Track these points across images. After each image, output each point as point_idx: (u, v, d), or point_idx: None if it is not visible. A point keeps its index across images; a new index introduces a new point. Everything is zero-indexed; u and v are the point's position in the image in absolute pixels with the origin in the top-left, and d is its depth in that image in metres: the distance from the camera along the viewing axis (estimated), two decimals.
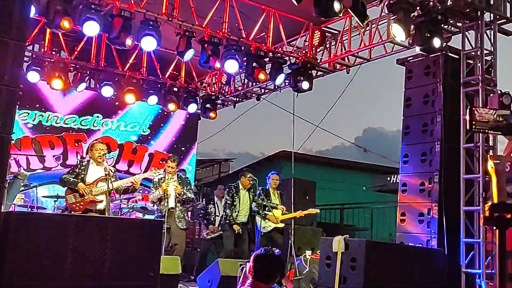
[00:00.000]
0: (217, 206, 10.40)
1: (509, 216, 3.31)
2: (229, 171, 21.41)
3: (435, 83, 7.97)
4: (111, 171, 7.25)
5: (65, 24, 7.85)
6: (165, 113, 12.93)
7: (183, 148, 13.45)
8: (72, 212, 6.93)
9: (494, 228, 3.33)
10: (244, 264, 7.31)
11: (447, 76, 7.90)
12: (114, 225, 5.39)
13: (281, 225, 9.47)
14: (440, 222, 7.46)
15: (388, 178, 12.18)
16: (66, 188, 7.12)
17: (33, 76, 10.37)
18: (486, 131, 5.54)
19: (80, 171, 7.15)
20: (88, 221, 5.48)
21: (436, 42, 7.52)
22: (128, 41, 8.39)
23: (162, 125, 13.28)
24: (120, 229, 5.37)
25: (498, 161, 3.75)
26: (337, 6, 6.58)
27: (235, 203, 9.27)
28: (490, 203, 3.40)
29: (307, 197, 11.18)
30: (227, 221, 9.26)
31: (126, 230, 5.45)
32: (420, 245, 7.63)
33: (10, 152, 6.74)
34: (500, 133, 5.61)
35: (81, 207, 6.95)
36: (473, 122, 5.40)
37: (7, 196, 6.54)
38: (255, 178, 9.37)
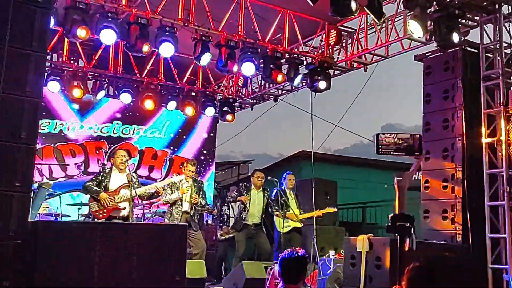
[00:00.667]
0: (231, 208, 10.43)
1: (407, 224, 4.21)
2: (248, 173, 21.43)
3: (454, 78, 7.90)
4: (134, 178, 7.29)
5: (82, 33, 7.94)
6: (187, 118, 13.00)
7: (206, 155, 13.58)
8: (96, 219, 6.98)
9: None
10: (272, 266, 7.32)
11: (466, 70, 7.82)
12: (139, 231, 5.43)
13: (300, 225, 9.46)
14: (464, 218, 7.39)
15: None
16: (89, 195, 7.18)
17: (53, 86, 10.51)
18: (391, 153, 6.19)
19: (102, 178, 7.20)
20: (113, 228, 5.52)
21: (455, 37, 7.45)
22: (145, 48, 8.46)
23: (185, 131, 13.39)
24: (145, 235, 5.40)
25: (401, 179, 4.92)
26: (353, 5, 6.56)
27: (245, 203, 9.13)
28: (392, 214, 4.24)
29: (328, 197, 11.14)
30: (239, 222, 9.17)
31: (152, 236, 5.48)
32: (445, 241, 7.57)
33: (36, 162, 6.87)
34: (403, 154, 6.23)
35: (104, 214, 7.00)
36: (379, 147, 6.12)
37: (33, 206, 6.63)
38: (271, 178, 9.25)
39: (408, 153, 6.31)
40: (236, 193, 9.24)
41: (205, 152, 13.61)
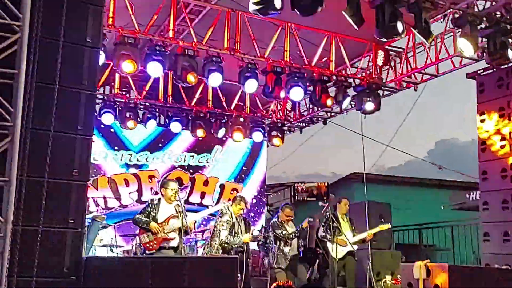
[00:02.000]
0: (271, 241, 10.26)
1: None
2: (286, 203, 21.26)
3: (509, 95, 7.63)
4: (182, 207, 7.30)
5: (129, 67, 8.14)
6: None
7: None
8: (147, 251, 7.02)
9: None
10: None
11: None
12: (190, 264, 5.42)
13: (355, 247, 9.24)
14: None
15: (467, 195, 11.66)
16: (139, 228, 7.24)
17: (107, 118, 10.77)
18: (305, 198, 7.95)
19: (151, 210, 7.25)
20: (164, 262, 5.54)
21: (510, 53, 7.20)
22: (192, 78, 8.56)
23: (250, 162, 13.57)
24: (196, 267, 5.38)
25: (312, 219, 6.70)
26: (400, 26, 6.45)
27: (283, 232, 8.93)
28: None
29: (382, 220, 10.85)
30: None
31: (202, 268, 5.47)
32: (508, 266, 7.23)
33: (89, 196, 7.01)
34: (314, 199, 8.09)
35: (154, 245, 7.04)
36: (295, 194, 7.42)
37: (87, 239, 6.75)
38: (322, 204, 9.03)
39: (317, 198, 7.86)
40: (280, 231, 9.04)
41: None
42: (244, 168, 13.48)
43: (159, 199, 7.30)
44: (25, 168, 4.53)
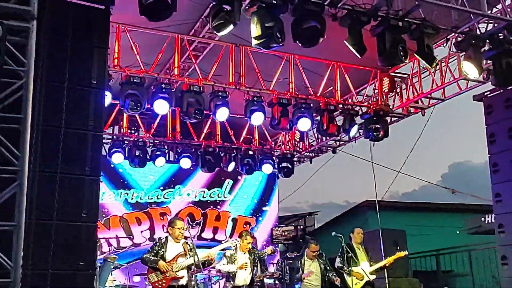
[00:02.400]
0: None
1: None
2: (315, 225, 21.07)
3: None
4: (190, 245, 7.28)
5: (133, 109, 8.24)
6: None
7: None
8: None
9: None
10: None
11: None
12: None
13: (372, 277, 9.08)
14: None
15: (483, 219, 11.46)
16: (147, 267, 7.21)
17: (117, 158, 10.79)
18: (283, 242, 8.20)
19: (159, 249, 7.23)
20: None
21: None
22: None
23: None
24: None
25: None
26: (402, 53, 6.46)
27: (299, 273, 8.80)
28: None
29: (398, 247, 10.68)
30: None
31: None
32: None
33: (102, 236, 7.00)
34: (291, 242, 8.30)
35: (163, 284, 6.99)
36: (273, 237, 7.75)
37: (99, 280, 6.70)
38: (335, 234, 8.93)
39: (294, 241, 8.29)
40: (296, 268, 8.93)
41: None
42: (258, 201, 13.44)
43: (166, 237, 7.29)
44: (33, 211, 4.54)
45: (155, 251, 7.13)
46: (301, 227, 8.52)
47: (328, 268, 8.78)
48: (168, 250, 7.14)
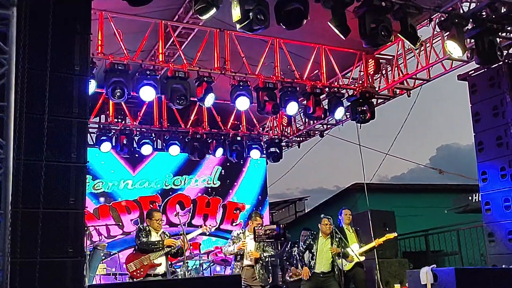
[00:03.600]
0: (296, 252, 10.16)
1: None
2: (305, 210, 21.18)
3: (502, 94, 7.64)
4: (167, 236, 7.43)
5: (118, 94, 8.17)
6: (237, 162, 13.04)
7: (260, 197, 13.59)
8: (134, 279, 7.03)
9: None
10: None
11: None
12: (195, 285, 5.42)
13: (362, 258, 9.16)
14: None
15: (470, 198, 11.60)
16: (126, 257, 7.34)
17: (105, 147, 10.75)
18: (265, 240, 7.89)
19: (146, 234, 7.37)
20: (170, 285, 5.52)
21: (497, 52, 7.21)
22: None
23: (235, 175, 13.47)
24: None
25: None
26: (384, 33, 6.47)
27: (312, 251, 8.77)
28: None
29: (387, 228, 10.77)
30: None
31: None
32: None
33: (90, 224, 7.03)
34: (273, 240, 8.00)
35: (141, 273, 7.09)
36: (256, 236, 7.66)
37: (89, 268, 6.71)
38: (324, 215, 8.93)
39: (276, 239, 8.11)
40: (304, 246, 8.86)
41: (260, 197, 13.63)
42: (247, 187, 13.44)
43: (148, 226, 7.39)
44: (19, 200, 4.52)
45: (144, 236, 7.20)
46: (284, 225, 8.66)
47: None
48: (151, 239, 7.27)
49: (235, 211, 13.10)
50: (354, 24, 6.82)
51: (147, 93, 8.41)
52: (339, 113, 9.93)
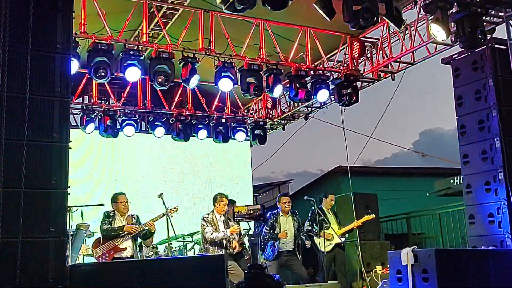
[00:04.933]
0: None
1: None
2: (289, 193, 21.27)
3: (485, 78, 7.66)
4: (134, 219, 7.45)
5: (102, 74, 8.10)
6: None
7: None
8: None
9: None
10: None
11: (496, 68, 7.58)
12: (177, 266, 5.42)
13: (342, 239, 9.29)
14: None
15: (451, 181, 11.72)
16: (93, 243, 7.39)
17: (89, 128, 10.67)
18: (244, 219, 8.57)
19: (110, 221, 7.43)
20: (151, 265, 5.52)
21: (480, 36, 7.25)
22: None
23: None
24: (183, 269, 5.37)
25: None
26: (366, 16, 6.46)
27: (276, 232, 8.74)
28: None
29: (369, 211, 10.88)
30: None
31: (190, 269, 5.45)
32: (495, 246, 7.28)
33: (73, 205, 7.04)
34: (253, 219, 8.68)
35: (107, 258, 7.15)
36: (234, 215, 8.20)
37: (72, 249, 6.72)
38: (308, 197, 9.02)
39: (256, 219, 8.85)
40: (268, 229, 8.93)
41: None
42: (231, 169, 13.40)
43: (114, 211, 7.41)
44: (0, 179, 4.49)
45: (108, 222, 7.28)
46: (260, 205, 8.88)
47: (300, 228, 8.91)
48: (115, 224, 7.30)
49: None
50: (340, 7, 6.82)
51: (132, 74, 8.32)
52: (322, 95, 9.91)
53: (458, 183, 10.87)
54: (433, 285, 6.02)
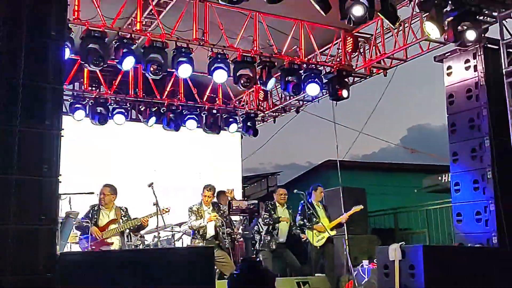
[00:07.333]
0: (259, 224, 10.29)
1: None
2: (277, 185, 21.31)
3: (476, 77, 7.74)
4: (123, 211, 7.45)
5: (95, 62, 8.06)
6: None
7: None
8: None
9: None
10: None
11: (488, 68, 7.65)
12: (168, 257, 5.44)
13: (333, 233, 9.34)
14: (499, 219, 7.18)
15: (440, 178, 11.83)
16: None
17: (79, 115, 10.59)
18: (239, 214, 8.86)
19: (91, 216, 7.41)
20: (143, 255, 5.54)
21: (471, 35, 7.29)
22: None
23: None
24: (174, 260, 5.39)
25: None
26: (358, 11, 6.47)
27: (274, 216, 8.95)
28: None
29: (358, 202, 10.96)
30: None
31: (180, 259, 5.47)
32: (481, 245, 7.37)
33: (64, 192, 6.99)
34: (248, 215, 8.91)
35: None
36: (230, 210, 8.37)
37: (61, 236, 6.67)
38: (298, 191, 9.09)
39: (250, 214, 8.96)
40: (267, 214, 8.99)
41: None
42: (221, 160, 13.38)
43: (98, 205, 7.41)
44: None
45: (88, 218, 7.28)
46: (253, 206, 9.03)
47: (293, 222, 9.00)
48: (101, 217, 7.34)
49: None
50: (335, 1, 6.83)
51: (127, 62, 8.28)
52: (313, 89, 9.88)
53: (447, 180, 10.98)
54: (420, 280, 6.09)
